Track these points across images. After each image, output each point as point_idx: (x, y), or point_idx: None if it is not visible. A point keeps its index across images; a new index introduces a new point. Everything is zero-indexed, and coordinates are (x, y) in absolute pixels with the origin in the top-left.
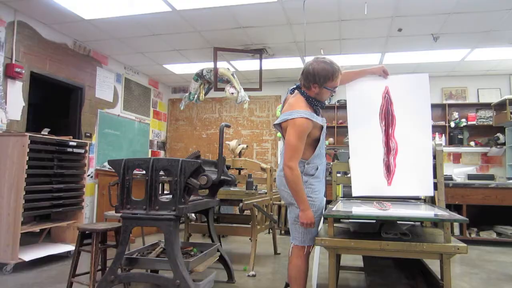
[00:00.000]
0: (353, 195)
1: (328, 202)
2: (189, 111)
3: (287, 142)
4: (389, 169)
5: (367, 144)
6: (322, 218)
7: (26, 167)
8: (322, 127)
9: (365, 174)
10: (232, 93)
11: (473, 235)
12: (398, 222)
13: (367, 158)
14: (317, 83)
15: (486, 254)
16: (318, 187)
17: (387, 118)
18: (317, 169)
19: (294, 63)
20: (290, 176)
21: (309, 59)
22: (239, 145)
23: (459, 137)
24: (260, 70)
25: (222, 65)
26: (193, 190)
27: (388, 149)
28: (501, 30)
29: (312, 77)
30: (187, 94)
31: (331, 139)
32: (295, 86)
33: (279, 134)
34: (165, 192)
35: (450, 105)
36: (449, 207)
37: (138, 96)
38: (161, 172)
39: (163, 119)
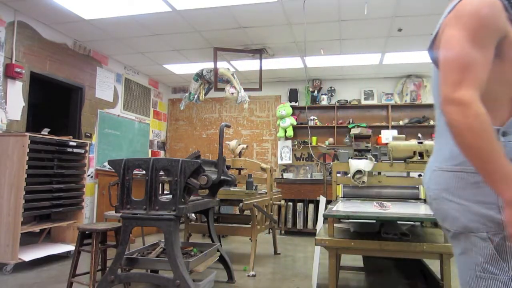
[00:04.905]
0: None
1: (328, 202)
2: (189, 111)
3: (445, 54)
4: None
5: None
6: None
7: (26, 167)
8: None
9: None
10: (232, 93)
11: None
12: (398, 222)
13: None
14: None
15: None
16: None
17: None
18: None
19: (294, 63)
20: (463, 121)
21: (309, 59)
22: (239, 145)
23: None
24: (260, 70)
25: (222, 65)
26: (193, 190)
27: None
28: None
29: None
30: (187, 94)
31: (331, 139)
32: None
33: (279, 133)
34: (165, 192)
35: None
36: None
37: (138, 96)
38: (161, 172)
39: (163, 119)
